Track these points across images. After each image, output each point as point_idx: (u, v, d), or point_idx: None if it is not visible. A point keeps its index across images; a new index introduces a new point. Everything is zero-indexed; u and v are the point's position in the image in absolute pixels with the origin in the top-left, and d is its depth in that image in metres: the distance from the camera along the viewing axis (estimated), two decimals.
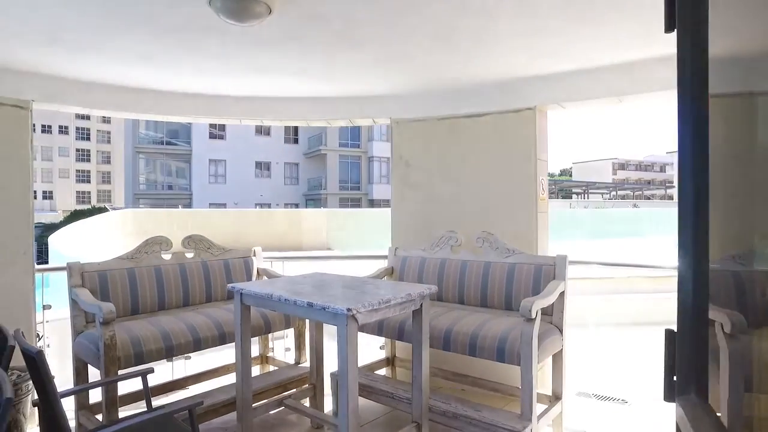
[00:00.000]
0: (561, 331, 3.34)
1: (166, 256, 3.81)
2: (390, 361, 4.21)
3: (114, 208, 21.68)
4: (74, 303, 3.30)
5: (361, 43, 3.03)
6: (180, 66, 3.53)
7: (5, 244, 3.58)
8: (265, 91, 4.29)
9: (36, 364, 2.04)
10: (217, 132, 35.98)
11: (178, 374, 4.07)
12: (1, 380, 1.60)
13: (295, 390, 3.72)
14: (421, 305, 2.88)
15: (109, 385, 2.92)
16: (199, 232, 4.32)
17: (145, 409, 2.90)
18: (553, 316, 3.37)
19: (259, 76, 3.82)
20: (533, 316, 2.88)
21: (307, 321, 3.98)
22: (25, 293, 3.67)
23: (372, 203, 36.76)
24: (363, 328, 3.48)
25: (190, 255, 3.94)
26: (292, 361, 4.13)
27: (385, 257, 4.59)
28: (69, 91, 3.88)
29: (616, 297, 6.52)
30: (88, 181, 56.13)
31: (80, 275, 3.35)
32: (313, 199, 38.01)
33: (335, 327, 2.45)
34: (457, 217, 4.26)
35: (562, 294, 3.34)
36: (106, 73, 3.71)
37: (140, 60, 3.39)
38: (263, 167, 37.67)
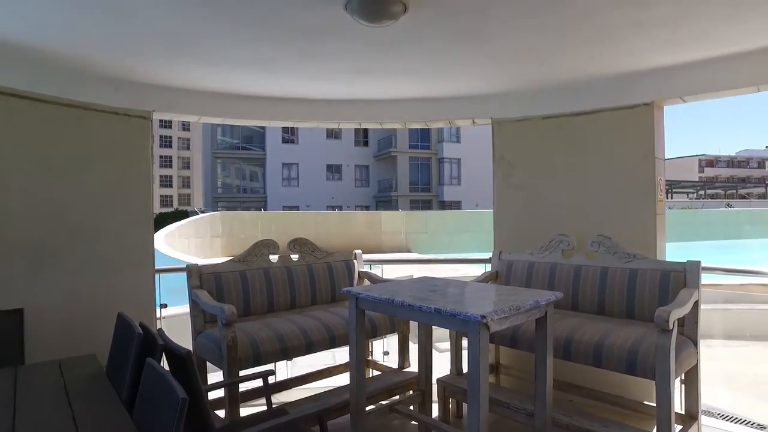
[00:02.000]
0: (695, 344, 3.07)
1: (274, 259, 3.88)
2: (494, 368, 4.07)
3: (202, 211, 22.86)
4: (194, 303, 3.43)
5: (485, 38, 2.93)
6: (289, 71, 3.58)
7: (132, 245, 3.79)
8: (362, 94, 4.28)
9: (184, 364, 2.10)
10: (289, 136, 37.11)
11: (281, 373, 4.15)
12: (172, 382, 1.64)
13: (400, 396, 3.68)
14: (546, 312, 2.74)
15: (232, 385, 3.01)
16: (280, 233, 4.40)
17: (265, 408, 2.96)
18: (685, 327, 3.10)
19: (361, 79, 3.81)
20: (670, 327, 2.65)
21: (411, 325, 3.93)
22: (148, 292, 3.87)
23: (443, 205, 36.48)
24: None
25: (295, 258, 4.00)
26: (392, 365, 4.09)
27: (481, 260, 4.46)
28: (185, 101, 4.05)
29: (731, 307, 5.99)
30: (170, 186, 59.78)
31: (198, 277, 3.49)
32: (384, 201, 38.26)
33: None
34: (564, 219, 4.05)
35: (696, 303, 3.07)
36: (221, 82, 3.84)
37: (254, 67, 3.47)
38: (334, 170, 38.43)
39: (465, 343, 3.63)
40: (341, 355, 4.43)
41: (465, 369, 3.71)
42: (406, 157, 37.98)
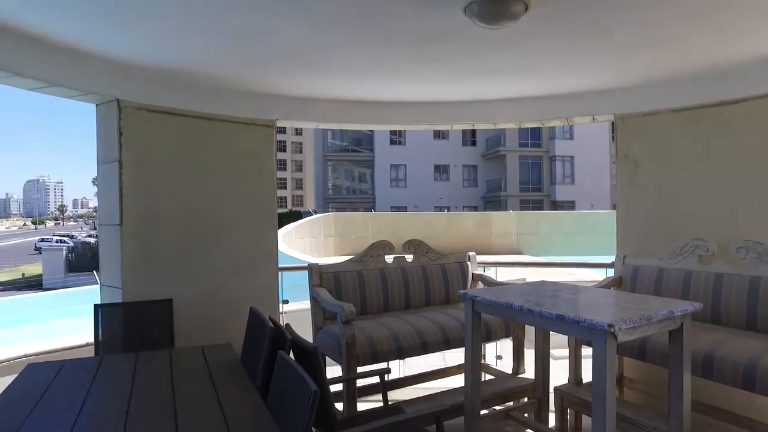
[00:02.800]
0: None
1: (389, 260, 3.99)
2: (618, 381, 3.82)
3: (315, 212, 24.11)
4: (315, 301, 3.63)
5: (610, 30, 2.77)
6: (404, 76, 3.65)
7: (259, 244, 4.11)
8: (476, 95, 4.24)
9: (311, 358, 2.24)
10: (397, 138, 37.74)
11: (394, 371, 4.24)
12: (304, 374, 1.76)
13: (515, 402, 3.59)
14: (682, 324, 2.51)
15: (350, 380, 3.14)
16: (390, 234, 4.46)
17: (380, 404, 3.05)
18: None
19: (476, 80, 3.77)
20: None
21: (526, 330, 3.82)
22: (272, 288, 4.17)
23: (555, 205, 34.84)
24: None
25: (410, 259, 4.07)
26: (505, 370, 4.00)
27: (602, 264, 4.20)
28: (305, 108, 4.31)
29: None
30: (285, 188, 63.64)
31: (319, 276, 3.69)
32: (492, 201, 37.47)
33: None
34: (699, 221, 3.67)
35: None
36: (338, 90, 4.03)
37: (370, 74, 3.59)
38: (441, 170, 38.40)
39: (585, 351, 3.45)
40: (452, 356, 4.42)
41: (585, 379, 3.53)
42: (516, 155, 36.82)
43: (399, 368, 4.37)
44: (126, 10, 2.53)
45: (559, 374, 3.71)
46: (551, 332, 3.11)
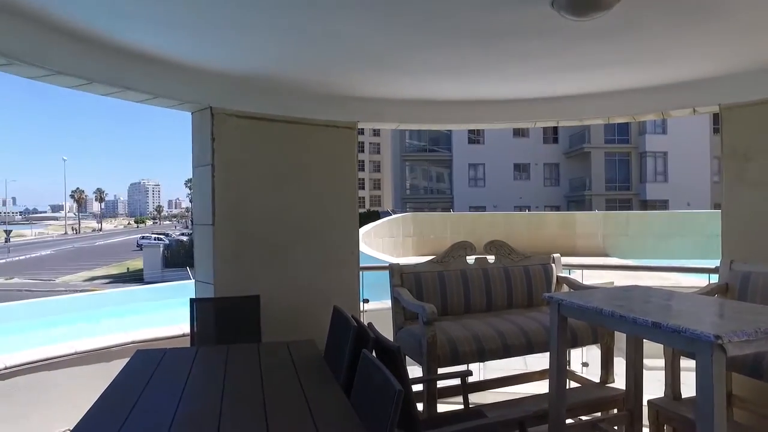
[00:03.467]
0: None
1: (470, 261, 3.93)
2: (726, 399, 3.49)
3: (393, 212, 24.37)
4: (396, 301, 3.65)
5: (717, 14, 2.55)
6: (485, 74, 3.59)
7: (341, 243, 4.21)
8: (560, 91, 4.07)
9: (394, 358, 2.25)
10: (475, 137, 37.15)
11: (474, 374, 4.17)
12: (388, 374, 1.78)
13: (603, 413, 3.40)
14: None
15: (431, 381, 3.13)
16: (468, 234, 4.37)
17: (461, 407, 3.01)
18: None
19: (560, 75, 3.63)
20: None
21: (616, 337, 3.61)
22: (353, 287, 4.25)
23: (645, 204, 32.67)
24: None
25: (491, 260, 3.99)
26: (592, 378, 3.80)
27: (703, 269, 3.87)
28: (386, 110, 4.35)
29: None
30: (363, 188, 64.69)
31: (400, 276, 3.71)
32: (576, 200, 35.85)
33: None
34: None
35: None
36: (418, 90, 4.03)
37: (450, 73, 3.56)
38: (521, 169, 37.34)
39: (684, 363, 3.20)
40: (533, 361, 4.27)
41: (684, 393, 3.27)
42: (602, 152, 34.95)
43: (479, 371, 4.29)
44: (219, 25, 2.69)
45: (653, 386, 3.47)
46: (645, 341, 2.91)
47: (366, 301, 4.52)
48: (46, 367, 3.84)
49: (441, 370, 3.16)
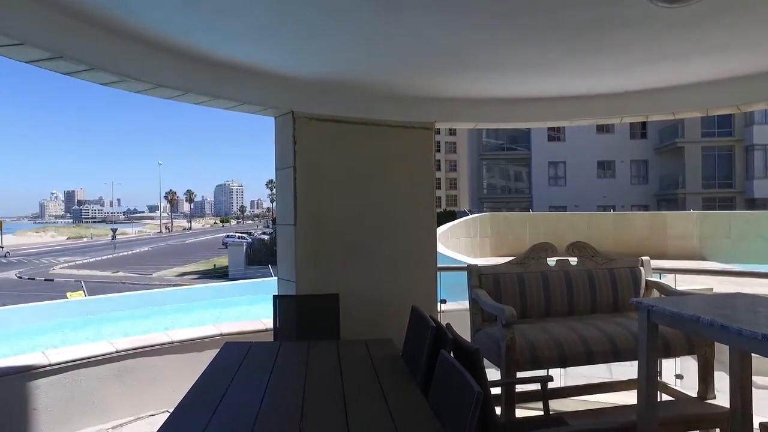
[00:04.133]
0: None
1: (551, 262, 3.80)
2: None
3: (470, 212, 24.07)
4: (473, 302, 3.61)
5: None
6: (567, 70, 3.45)
7: (418, 244, 4.23)
8: (650, 83, 3.82)
9: (472, 360, 2.23)
10: (555, 134, 35.74)
11: (555, 380, 4.02)
12: (467, 375, 1.77)
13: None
14: None
15: (509, 384, 3.06)
16: (549, 235, 4.20)
17: (541, 413, 2.92)
18: None
19: (651, 67, 3.40)
20: None
21: (717, 348, 3.33)
22: (431, 287, 4.25)
23: (752, 203, 29.76)
24: None
25: (574, 262, 3.83)
26: (688, 392, 3.53)
27: None
28: (463, 109, 4.31)
29: None
30: (439, 188, 64.37)
31: (478, 277, 3.65)
32: (667, 199, 33.44)
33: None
34: None
35: None
36: (496, 88, 3.96)
37: (530, 70, 3.47)
38: (606, 167, 35.42)
39: None
40: (619, 369, 4.05)
41: None
42: (698, 147, 32.29)
43: (560, 377, 4.13)
44: (303, 34, 2.81)
45: (762, 407, 3.16)
46: (753, 355, 2.67)
47: (443, 301, 4.50)
48: (148, 353, 4.19)
49: (520, 374, 3.09)
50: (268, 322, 4.75)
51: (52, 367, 3.74)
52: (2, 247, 42.27)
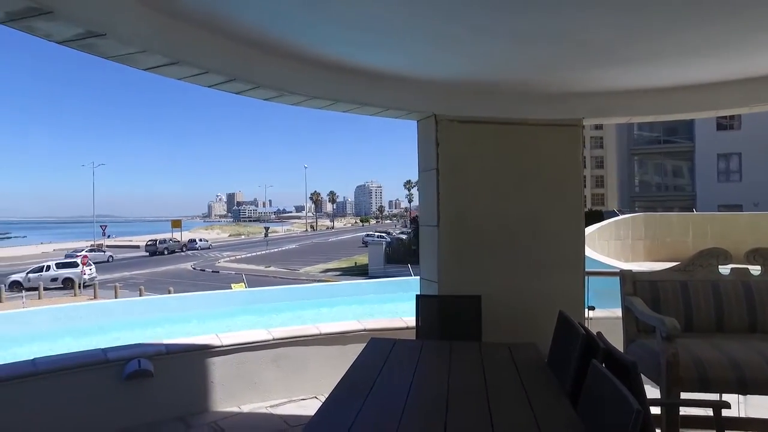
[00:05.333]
0: None
1: (724, 271, 3.35)
2: None
3: (621, 211, 22.16)
4: (627, 310, 3.33)
5: None
6: (741, 46, 3.02)
7: (563, 246, 4.04)
8: None
9: (628, 373, 2.07)
10: (728, 122, 31.18)
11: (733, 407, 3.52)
12: (624, 390, 1.65)
13: None
14: None
15: (672, 406, 2.77)
16: (718, 239, 3.68)
17: None
18: None
19: None
20: None
21: None
22: (577, 293, 4.02)
23: None
24: None
25: (756, 272, 3.34)
26: None
27: None
28: (613, 103, 4.00)
29: None
30: (584, 186, 60.11)
31: (632, 284, 3.37)
32: None
33: None
34: None
35: None
36: (651, 78, 3.61)
37: (690, 56, 3.10)
38: None
39: None
40: None
41: None
42: None
43: (738, 404, 3.61)
44: (451, 37, 2.83)
45: None
46: None
47: (591, 308, 4.23)
48: (300, 342, 4.57)
49: (684, 395, 2.77)
50: (409, 320, 4.88)
51: (223, 348, 4.27)
52: (104, 251, 46.97)
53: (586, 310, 4.15)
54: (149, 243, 52.71)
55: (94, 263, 32.74)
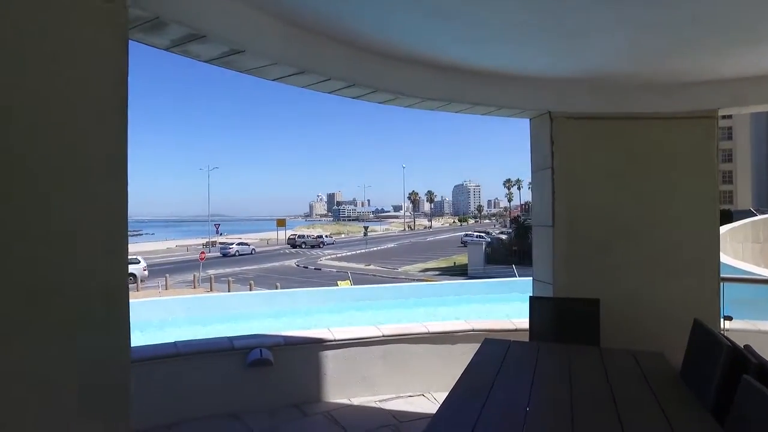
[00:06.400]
0: None
1: None
2: None
3: (758, 211, 19.82)
4: None
5: None
6: None
7: (694, 249, 3.72)
8: None
9: None
10: None
11: None
12: None
13: None
14: None
15: None
16: None
17: None
18: None
19: None
20: None
21: None
22: (710, 301, 3.69)
23: None
24: None
25: None
26: None
27: None
28: (754, 90, 3.61)
29: None
30: (719, 182, 54.39)
31: None
32: None
33: None
34: None
35: None
36: None
37: None
38: None
39: None
40: None
41: None
42: None
43: None
44: (571, 32, 2.73)
45: None
46: None
47: (728, 318, 3.84)
48: (407, 340, 4.64)
49: None
50: (519, 322, 4.77)
51: (335, 342, 4.46)
52: (248, 244, 50.74)
53: (722, 320, 3.78)
54: (290, 237, 59.95)
55: (240, 255, 43.95)
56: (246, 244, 50.37)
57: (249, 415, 4.08)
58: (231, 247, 46.60)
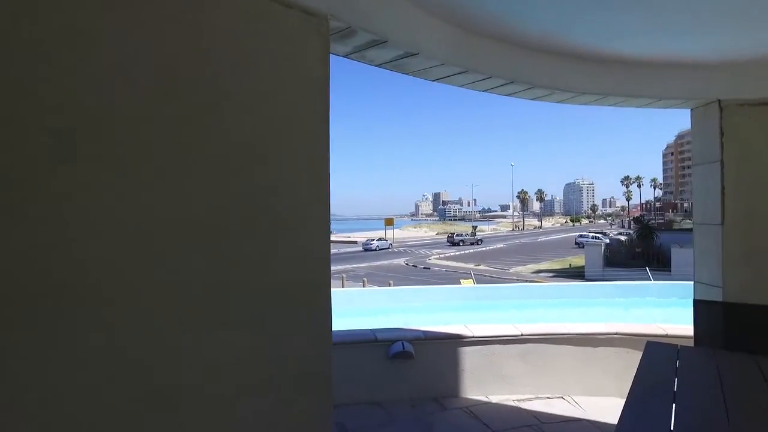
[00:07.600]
0: None
1: None
2: None
3: None
4: None
5: None
6: None
7: None
8: None
9: None
10: None
11: None
12: None
13: None
14: None
15: None
16: None
17: None
18: None
19: None
20: None
21: None
22: None
23: None
24: None
25: None
26: None
27: None
28: None
29: None
30: None
31: None
32: None
33: None
34: None
35: None
36: None
37: None
38: None
39: None
40: None
41: None
42: None
43: None
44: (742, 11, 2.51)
45: None
46: None
47: None
48: (547, 340, 4.55)
49: None
50: (668, 327, 4.47)
51: (473, 339, 4.49)
52: (386, 240, 54.93)
53: None
54: (449, 235, 63.29)
55: (380, 249, 48.42)
56: (384, 239, 54.86)
57: (391, 405, 4.26)
58: (372, 242, 50.97)
